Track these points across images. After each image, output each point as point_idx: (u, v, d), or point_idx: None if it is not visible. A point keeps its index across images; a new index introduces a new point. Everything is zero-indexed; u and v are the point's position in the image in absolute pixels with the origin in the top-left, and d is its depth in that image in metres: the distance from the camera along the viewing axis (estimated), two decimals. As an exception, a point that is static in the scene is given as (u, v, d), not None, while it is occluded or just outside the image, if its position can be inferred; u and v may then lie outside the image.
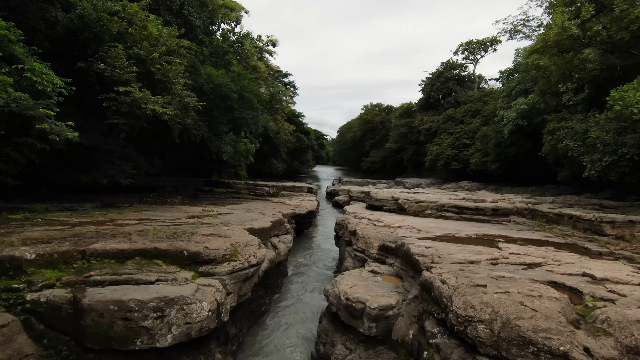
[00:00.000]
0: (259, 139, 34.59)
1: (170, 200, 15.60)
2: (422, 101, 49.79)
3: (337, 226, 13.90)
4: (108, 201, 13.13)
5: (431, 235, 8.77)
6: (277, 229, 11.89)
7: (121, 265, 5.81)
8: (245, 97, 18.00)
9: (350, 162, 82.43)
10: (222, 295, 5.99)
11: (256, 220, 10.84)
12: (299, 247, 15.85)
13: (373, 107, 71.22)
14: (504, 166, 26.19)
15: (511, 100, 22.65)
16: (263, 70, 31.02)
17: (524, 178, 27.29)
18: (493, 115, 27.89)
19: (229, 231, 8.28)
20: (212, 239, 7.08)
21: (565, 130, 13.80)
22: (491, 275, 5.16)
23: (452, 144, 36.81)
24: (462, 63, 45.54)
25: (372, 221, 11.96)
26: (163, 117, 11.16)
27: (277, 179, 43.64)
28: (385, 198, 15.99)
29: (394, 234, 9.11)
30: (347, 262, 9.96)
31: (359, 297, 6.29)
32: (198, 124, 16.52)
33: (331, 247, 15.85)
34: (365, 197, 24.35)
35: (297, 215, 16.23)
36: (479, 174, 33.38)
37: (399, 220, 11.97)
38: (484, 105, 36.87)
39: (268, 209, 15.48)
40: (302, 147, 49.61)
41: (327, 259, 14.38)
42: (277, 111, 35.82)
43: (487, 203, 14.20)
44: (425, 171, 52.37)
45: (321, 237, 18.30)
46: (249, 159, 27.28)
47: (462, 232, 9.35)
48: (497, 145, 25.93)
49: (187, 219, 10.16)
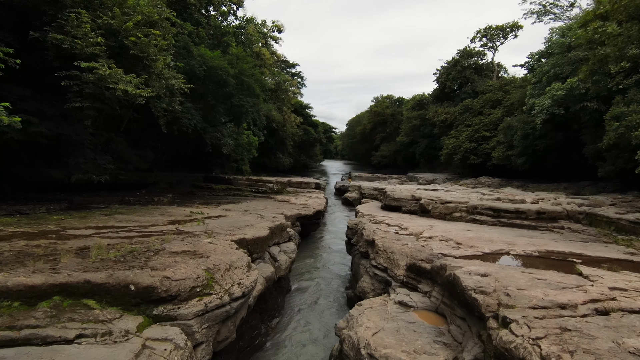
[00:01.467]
0: (264, 132, 32.56)
1: (158, 199, 13.68)
2: (436, 92, 47.08)
3: (350, 231, 11.82)
4: (80, 201, 11.25)
5: (477, 252, 6.63)
6: (277, 236, 9.87)
7: (28, 311, 3.82)
8: (244, 82, 15.91)
9: (360, 156, 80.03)
10: (185, 354, 3.98)
11: (251, 227, 8.82)
12: (304, 253, 13.84)
13: (384, 99, 68.56)
14: (531, 160, 23.72)
15: (543, 87, 20.15)
16: (268, 57, 28.87)
17: (552, 173, 24.78)
18: (521, 104, 25.33)
19: (210, 246, 6.26)
20: (180, 262, 5.07)
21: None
22: (627, 346, 3.03)
23: (470, 136, 34.25)
24: (480, 51, 42.66)
25: (392, 227, 9.84)
26: (138, 100, 9.14)
27: (284, 173, 41.64)
28: (404, 197, 13.83)
29: (426, 249, 6.99)
30: (364, 281, 7.89)
31: (388, 356, 4.22)
32: (191, 113, 14.52)
33: (342, 254, 13.81)
34: (378, 195, 22.19)
35: (303, 216, 14.18)
36: (500, 169, 30.86)
37: (426, 226, 9.82)
38: (505, 95, 34.19)
39: (269, 209, 13.47)
40: (310, 140, 47.43)
41: (338, 269, 12.33)
42: (283, 102, 33.69)
43: (528, 204, 11.95)
44: (438, 166, 49.88)
45: (330, 241, 16.24)
46: (252, 152, 25.27)
47: (516, 246, 7.18)
48: (524, 137, 23.45)
49: (165, 226, 8.19)
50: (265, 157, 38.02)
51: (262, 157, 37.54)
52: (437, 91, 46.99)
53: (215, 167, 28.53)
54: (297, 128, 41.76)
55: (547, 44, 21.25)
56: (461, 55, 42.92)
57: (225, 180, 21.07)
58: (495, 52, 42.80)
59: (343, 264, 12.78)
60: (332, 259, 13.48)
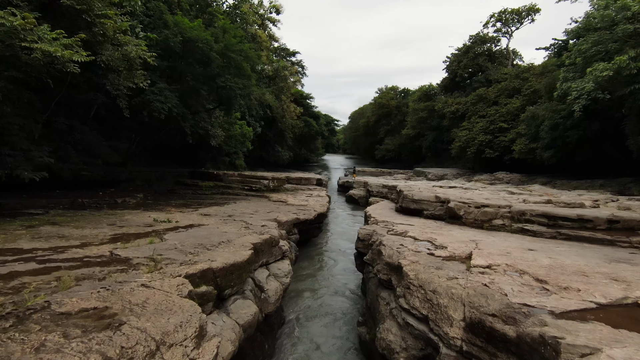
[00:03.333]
0: (260, 123, 29.92)
1: (123, 200, 11.13)
2: (446, 81, 44.22)
3: (361, 243, 9.26)
4: (13, 205, 8.70)
5: (586, 304, 4.04)
6: (266, 254, 7.32)
7: None
8: (232, 59, 13.24)
9: (363, 150, 77.28)
10: None
11: (227, 245, 6.26)
12: (303, 268, 11.31)
13: (388, 91, 65.70)
14: (560, 154, 21.04)
15: (580, 69, 17.42)
16: (264, 39, 26.10)
17: (582, 168, 22.12)
18: (549, 91, 22.52)
19: (141, 293, 3.71)
20: (53, 349, 2.51)
21: None
22: None
23: (485, 128, 31.53)
24: (494, 36, 39.64)
25: (420, 242, 7.26)
26: (69, 67, 6.53)
27: (283, 168, 39.05)
28: (426, 199, 11.23)
29: (494, 292, 4.39)
30: (389, 330, 5.33)
31: None
32: (164, 95, 11.91)
33: (350, 269, 11.27)
34: (388, 193, 19.58)
35: (302, 221, 11.64)
36: (519, 164, 28.20)
37: (467, 241, 7.24)
38: (523, 83, 31.38)
39: (260, 213, 10.91)
40: (311, 133, 44.70)
41: (345, 291, 9.79)
42: (281, 90, 30.97)
43: (592, 210, 9.34)
44: (446, 160, 47.22)
45: (335, 250, 13.69)
46: (246, 145, 22.67)
47: (632, 286, 4.59)
48: (552, 128, 20.74)
49: (100, 246, 5.64)
50: (262, 151, 35.43)
51: (259, 151, 34.96)
52: (446, 80, 44.13)
53: (207, 161, 25.93)
54: (297, 119, 39.03)
55: (586, 19, 18.41)
56: (474, 41, 39.93)
57: (214, 177, 18.51)
58: (510, 38, 39.83)
59: (352, 284, 10.25)
60: (337, 276, 10.93)
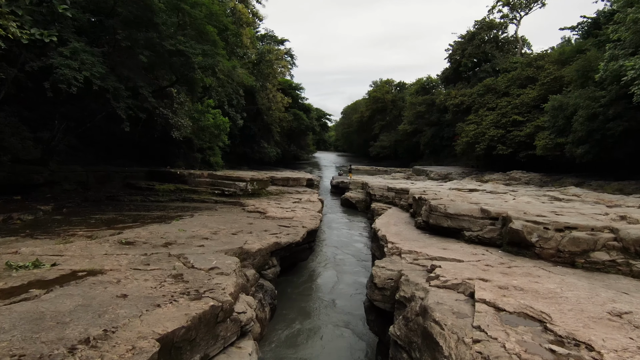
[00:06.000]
0: (243, 114, 25.98)
1: (9, 217, 7.22)
2: (447, 71, 40.76)
3: (378, 292, 5.56)
4: None
5: None
6: (200, 345, 3.57)
7: None
8: (187, 13, 9.38)
9: (356, 147, 73.67)
10: None
11: (97, 347, 2.48)
12: (282, 316, 7.51)
13: (383, 84, 62.12)
14: (596, 149, 17.68)
15: (631, 45, 14.08)
16: (245, 15, 22.13)
17: (621, 167, 18.83)
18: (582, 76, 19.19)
19: None
20: None
21: None
22: None
23: (496, 121, 28.14)
24: (502, 22, 36.23)
25: (514, 318, 3.58)
26: None
27: (270, 167, 35.13)
28: (467, 213, 7.58)
29: None
30: None
31: None
32: (80, 57, 7.99)
33: (353, 322, 7.53)
34: (395, 198, 15.82)
35: (284, 247, 7.85)
36: (535, 162, 24.89)
37: (614, 316, 3.59)
38: (538, 71, 28.08)
39: (220, 237, 7.09)
40: (301, 127, 40.81)
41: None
42: (267, 78, 27.04)
43: None
44: (445, 157, 43.95)
45: (329, 281, 9.89)
46: (221, 138, 18.75)
47: None
48: (589, 119, 17.36)
49: None
50: (246, 147, 31.47)
51: (242, 147, 30.99)
52: (448, 71, 40.68)
53: (179, 158, 21.89)
54: (285, 112, 35.09)
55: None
56: (479, 27, 36.47)
57: (177, 178, 14.60)
58: (518, 24, 36.49)
59: (361, 355, 6.54)
60: (337, 341, 7.12)
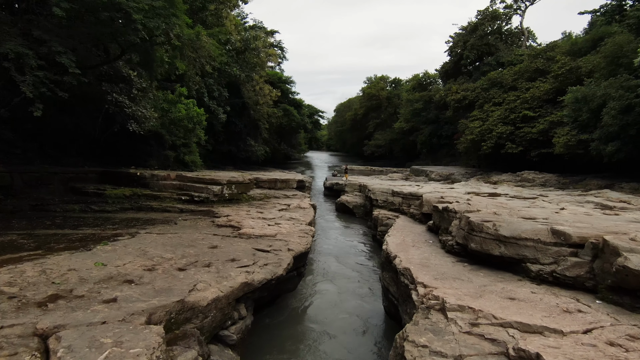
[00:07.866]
0: (226, 108, 23.20)
1: None
2: (447, 65, 38.45)
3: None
4: None
5: None
6: None
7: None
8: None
9: (349, 146, 71.11)
10: None
11: None
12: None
13: (378, 80, 59.64)
14: (629, 147, 15.40)
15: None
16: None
17: None
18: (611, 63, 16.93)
19: None
20: None
21: None
22: None
23: (503, 117, 25.85)
24: (506, 12, 33.97)
25: None
26: None
27: (258, 166, 32.35)
28: (531, 236, 5.04)
29: None
30: None
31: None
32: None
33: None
34: (402, 204, 13.15)
35: (258, 288, 5.21)
36: (548, 161, 22.64)
37: None
38: (549, 63, 25.88)
39: (156, 278, 4.37)
40: (292, 124, 38.09)
41: None
42: (253, 68, 24.30)
43: None
44: (443, 156, 41.61)
45: (327, 320, 7.25)
46: (196, 133, 15.97)
47: None
48: (623, 112, 15.09)
49: None
50: (232, 144, 28.62)
51: (227, 145, 28.14)
52: (448, 65, 38.37)
53: (151, 157, 19.00)
54: (274, 107, 32.34)
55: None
56: (482, 17, 34.20)
57: (136, 180, 11.82)
58: (523, 15, 34.31)
59: None
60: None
